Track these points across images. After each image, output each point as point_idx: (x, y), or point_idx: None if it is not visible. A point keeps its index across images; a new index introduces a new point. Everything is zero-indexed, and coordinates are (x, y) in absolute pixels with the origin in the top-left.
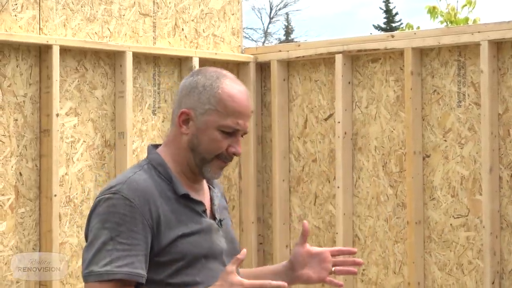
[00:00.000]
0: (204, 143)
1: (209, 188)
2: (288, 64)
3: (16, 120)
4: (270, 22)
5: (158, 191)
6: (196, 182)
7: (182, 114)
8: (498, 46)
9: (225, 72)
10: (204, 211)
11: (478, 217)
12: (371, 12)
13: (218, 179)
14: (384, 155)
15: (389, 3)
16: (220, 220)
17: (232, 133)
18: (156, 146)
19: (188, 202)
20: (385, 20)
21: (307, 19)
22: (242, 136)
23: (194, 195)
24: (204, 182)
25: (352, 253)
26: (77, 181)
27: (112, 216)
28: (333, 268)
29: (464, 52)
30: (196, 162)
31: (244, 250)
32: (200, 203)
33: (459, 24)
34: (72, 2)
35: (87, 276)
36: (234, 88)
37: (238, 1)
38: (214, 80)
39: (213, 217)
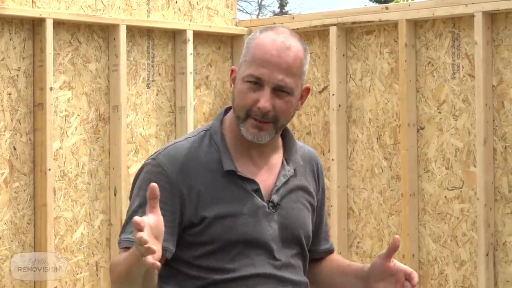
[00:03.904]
0: (236, 98)
1: (282, 164)
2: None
3: (10, 94)
4: None
5: (202, 162)
6: (259, 154)
7: (232, 72)
8: (492, 17)
9: (281, 28)
10: (257, 191)
11: (472, 189)
12: None
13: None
14: (379, 128)
15: None
16: (277, 204)
17: (259, 85)
18: (231, 108)
19: (236, 179)
20: None
21: None
22: (278, 93)
23: (246, 171)
24: (279, 157)
25: (412, 282)
26: (71, 155)
27: (145, 183)
28: None
29: (458, 23)
30: (237, 124)
31: (397, 238)
32: (251, 181)
33: None
34: None
35: (118, 243)
36: (268, 38)
37: None
38: (258, 33)
39: (270, 198)
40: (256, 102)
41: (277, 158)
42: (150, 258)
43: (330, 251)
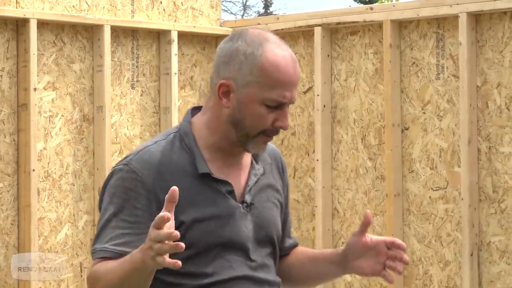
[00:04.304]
0: (248, 119)
1: (251, 164)
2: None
3: None
4: None
5: (176, 165)
6: (233, 155)
7: (221, 86)
8: (476, 18)
9: (268, 35)
10: (230, 192)
11: (456, 189)
12: None
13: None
14: (363, 128)
15: None
16: (250, 204)
17: (278, 106)
18: (198, 109)
19: (210, 181)
20: None
21: None
22: (288, 107)
23: (219, 173)
24: (248, 156)
25: (403, 249)
26: (55, 156)
27: (119, 191)
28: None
29: (442, 24)
30: (238, 137)
31: (368, 212)
32: (225, 182)
33: None
34: None
35: (92, 253)
36: (278, 55)
37: None
38: (256, 47)
39: (243, 199)
40: (273, 121)
41: (247, 157)
42: (181, 245)
43: (295, 245)
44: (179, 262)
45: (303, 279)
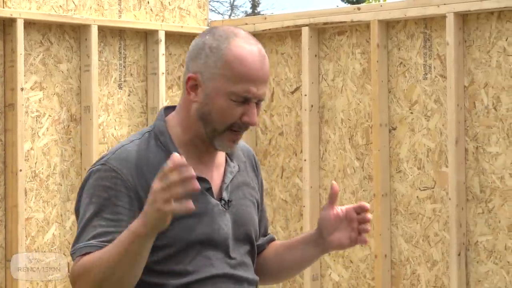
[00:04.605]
0: (214, 112)
1: (226, 162)
2: (255, 37)
3: None
4: None
5: (152, 163)
6: (208, 153)
7: (189, 80)
8: (463, 18)
9: (237, 30)
10: (208, 190)
11: (444, 189)
12: None
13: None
14: (351, 128)
15: None
16: (228, 201)
17: (244, 101)
18: (171, 108)
19: None
20: None
21: None
22: (257, 103)
23: (196, 171)
24: (222, 154)
25: (365, 210)
26: (42, 156)
27: (98, 190)
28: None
29: (430, 24)
30: (207, 133)
31: (334, 183)
32: (203, 179)
33: None
34: None
35: (72, 254)
36: (244, 49)
37: None
38: (222, 40)
39: (221, 196)
40: (240, 116)
41: (221, 155)
42: (197, 184)
43: (270, 240)
44: (192, 204)
45: (283, 270)
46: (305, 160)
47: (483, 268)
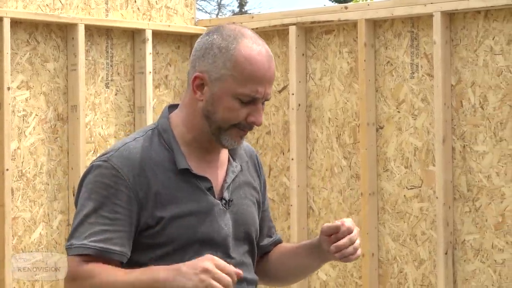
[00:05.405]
0: (220, 112)
1: (229, 161)
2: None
3: None
4: None
5: (155, 161)
6: (211, 152)
7: (196, 79)
8: (450, 17)
9: (244, 30)
10: (210, 189)
11: (431, 188)
12: None
13: (244, 149)
14: (338, 127)
15: None
16: (229, 201)
17: (251, 101)
18: (175, 106)
19: (190, 177)
20: None
21: None
22: (263, 103)
23: (198, 169)
24: (225, 153)
25: (350, 232)
26: (29, 155)
27: (98, 187)
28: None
29: (417, 23)
30: (212, 131)
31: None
32: (205, 179)
33: None
34: None
35: (68, 249)
36: (253, 50)
37: None
38: (231, 40)
39: (222, 196)
40: (246, 116)
41: (224, 154)
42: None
43: (275, 242)
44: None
45: (288, 274)
46: (292, 159)
47: (470, 267)
